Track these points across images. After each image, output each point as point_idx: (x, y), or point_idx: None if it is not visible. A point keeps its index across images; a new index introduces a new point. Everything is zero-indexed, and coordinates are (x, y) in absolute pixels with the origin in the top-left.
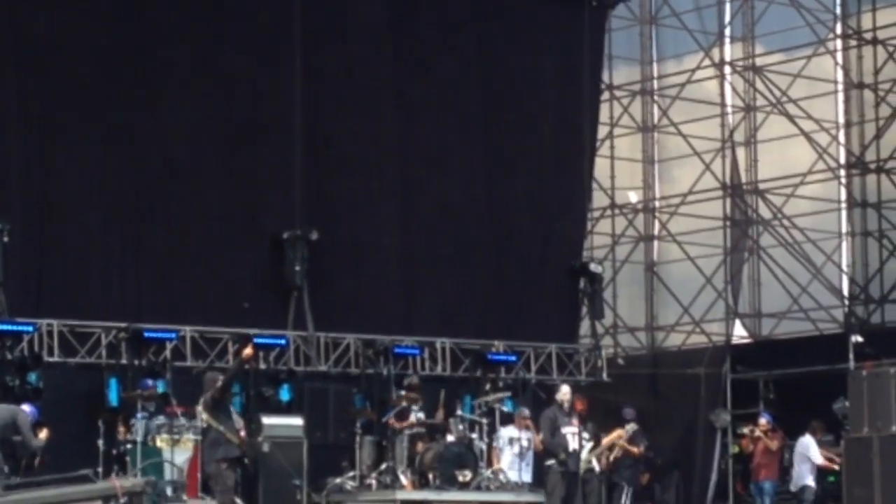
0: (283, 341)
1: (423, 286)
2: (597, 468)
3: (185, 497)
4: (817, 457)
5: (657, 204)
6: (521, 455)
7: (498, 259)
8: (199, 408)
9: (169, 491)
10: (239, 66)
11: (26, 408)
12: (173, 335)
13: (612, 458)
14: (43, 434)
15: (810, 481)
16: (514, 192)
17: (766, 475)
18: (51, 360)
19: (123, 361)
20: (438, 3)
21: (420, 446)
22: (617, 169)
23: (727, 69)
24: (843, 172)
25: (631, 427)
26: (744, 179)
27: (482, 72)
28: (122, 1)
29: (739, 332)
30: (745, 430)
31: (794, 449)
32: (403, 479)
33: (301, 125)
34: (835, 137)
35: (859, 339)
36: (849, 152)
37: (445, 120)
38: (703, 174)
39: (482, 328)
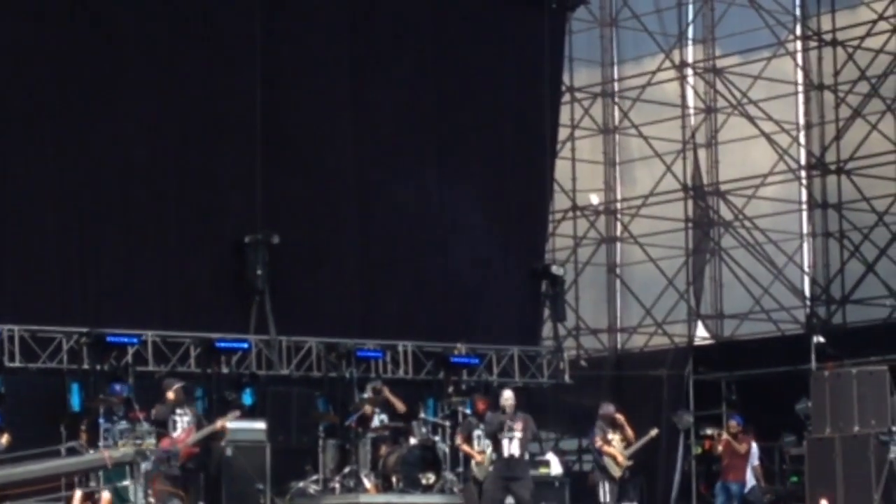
0: (245, 345)
1: (384, 289)
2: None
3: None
4: (755, 459)
5: (619, 206)
6: None
7: (459, 262)
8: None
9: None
10: (197, 68)
11: None
12: (135, 340)
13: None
14: (3, 439)
15: (753, 481)
16: (474, 194)
17: (735, 477)
18: (12, 365)
19: (85, 366)
20: (397, 5)
21: (383, 449)
22: (578, 171)
23: (688, 71)
24: (803, 173)
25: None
26: (705, 181)
27: (442, 74)
28: (76, 3)
29: (701, 334)
30: (710, 432)
31: None
32: (367, 483)
33: (260, 127)
34: (795, 139)
35: (821, 339)
36: (809, 153)
37: (404, 122)
38: (665, 176)
39: (444, 331)
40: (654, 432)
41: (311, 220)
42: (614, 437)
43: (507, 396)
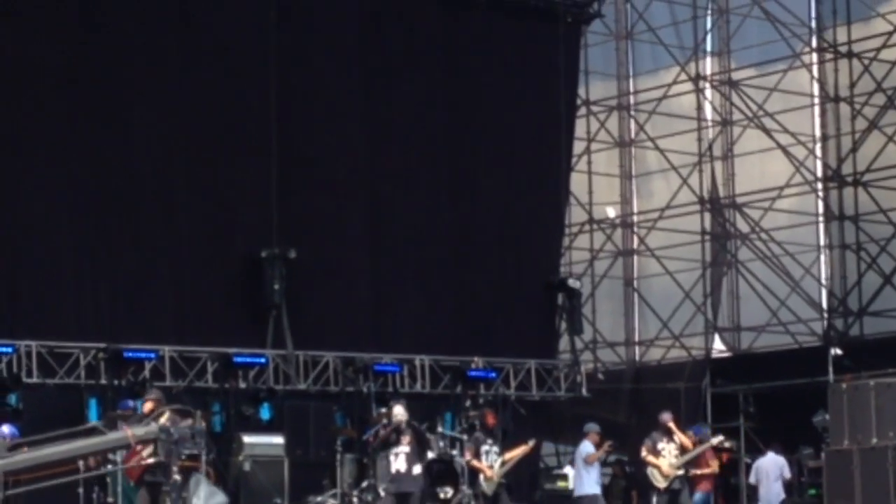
0: (262, 360)
1: (401, 303)
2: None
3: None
4: (787, 472)
5: (635, 218)
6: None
7: (475, 276)
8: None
9: None
10: (211, 86)
11: (6, 429)
12: (152, 355)
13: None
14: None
15: (783, 495)
16: (491, 208)
17: (704, 487)
18: (30, 381)
19: (103, 382)
20: (409, 22)
21: None
22: (594, 184)
23: (704, 83)
24: (820, 186)
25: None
26: (721, 193)
27: (455, 89)
28: (90, 19)
29: (719, 346)
30: (728, 445)
31: (762, 467)
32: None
33: (275, 143)
34: (811, 151)
35: (838, 351)
36: (826, 165)
37: (418, 137)
38: (681, 188)
39: (460, 345)
40: (715, 441)
41: (327, 235)
42: (666, 447)
43: (398, 412)
